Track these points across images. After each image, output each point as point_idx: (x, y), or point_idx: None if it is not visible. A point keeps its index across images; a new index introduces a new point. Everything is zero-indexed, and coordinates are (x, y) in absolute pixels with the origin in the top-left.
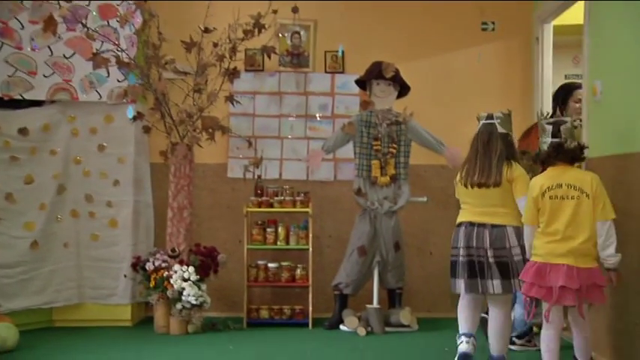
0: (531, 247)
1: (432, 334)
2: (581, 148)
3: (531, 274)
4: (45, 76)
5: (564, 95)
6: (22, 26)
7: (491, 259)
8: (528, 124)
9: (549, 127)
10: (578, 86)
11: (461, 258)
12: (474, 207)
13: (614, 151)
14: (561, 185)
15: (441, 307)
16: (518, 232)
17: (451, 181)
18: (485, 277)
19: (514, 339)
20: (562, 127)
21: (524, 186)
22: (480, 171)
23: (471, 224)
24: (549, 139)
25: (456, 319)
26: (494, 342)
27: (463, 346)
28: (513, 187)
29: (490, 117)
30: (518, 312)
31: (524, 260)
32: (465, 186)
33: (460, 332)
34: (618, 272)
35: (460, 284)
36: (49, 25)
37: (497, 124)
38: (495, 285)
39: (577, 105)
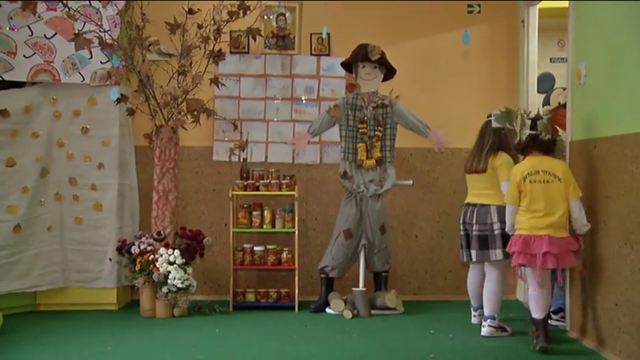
0: (513, 223)
1: (417, 317)
2: (554, 141)
3: (519, 244)
4: (25, 56)
5: None
6: None
7: (475, 233)
8: (512, 106)
9: (529, 122)
10: None
11: (461, 232)
12: (472, 189)
13: (597, 134)
14: (539, 171)
15: (427, 290)
16: (501, 210)
17: (436, 164)
18: (470, 247)
19: (550, 313)
20: (538, 122)
21: (505, 172)
22: (472, 159)
23: (468, 204)
24: (528, 131)
25: (441, 302)
26: (485, 303)
27: (473, 319)
28: (497, 174)
29: (490, 115)
30: (557, 288)
31: (504, 234)
32: (466, 171)
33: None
34: (584, 236)
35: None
36: (28, 3)
37: (492, 121)
38: (474, 254)
39: None
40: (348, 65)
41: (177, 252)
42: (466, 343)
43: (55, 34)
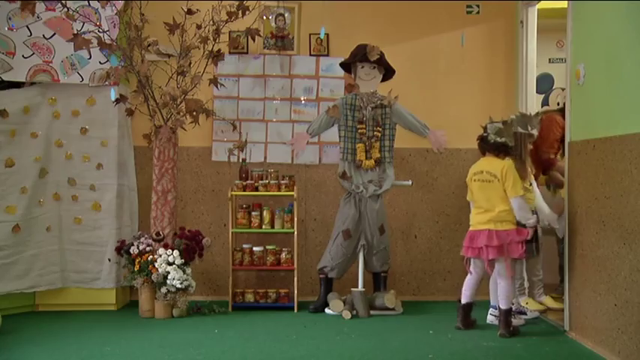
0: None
1: (416, 317)
2: (503, 144)
3: (467, 239)
4: (24, 56)
5: None
6: None
7: None
8: (511, 107)
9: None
10: None
11: None
12: None
13: (596, 135)
14: (482, 172)
15: (426, 291)
16: None
17: (435, 165)
18: None
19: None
20: (488, 125)
21: None
22: None
23: None
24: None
25: (440, 302)
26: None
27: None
28: None
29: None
30: None
31: None
32: None
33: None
34: (534, 228)
35: None
36: (27, 4)
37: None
38: None
39: None
40: (347, 66)
41: (176, 252)
42: (465, 344)
43: (54, 34)
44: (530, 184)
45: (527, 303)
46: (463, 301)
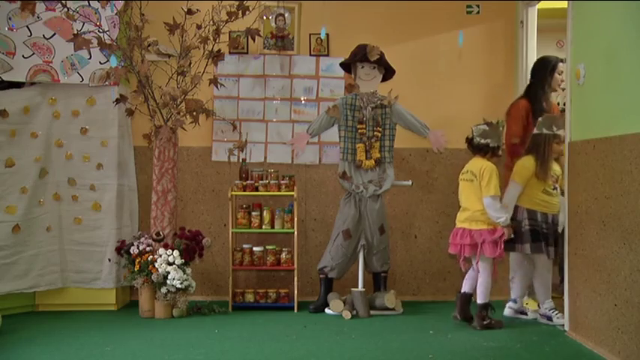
0: None
1: (416, 317)
2: (486, 145)
3: (451, 236)
4: (24, 57)
5: (552, 68)
6: None
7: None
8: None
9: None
10: (560, 60)
11: None
12: None
13: (596, 135)
14: (467, 171)
15: (426, 291)
16: (530, 210)
17: (435, 165)
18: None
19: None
20: (473, 127)
21: (513, 174)
22: None
23: None
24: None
25: (440, 302)
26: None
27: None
28: None
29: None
30: None
31: (532, 230)
32: None
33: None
34: (511, 226)
35: None
36: (27, 4)
37: (535, 127)
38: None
39: (560, 77)
40: (347, 66)
41: (176, 252)
42: (465, 344)
43: (54, 34)
44: (554, 188)
45: (527, 303)
46: (463, 290)
